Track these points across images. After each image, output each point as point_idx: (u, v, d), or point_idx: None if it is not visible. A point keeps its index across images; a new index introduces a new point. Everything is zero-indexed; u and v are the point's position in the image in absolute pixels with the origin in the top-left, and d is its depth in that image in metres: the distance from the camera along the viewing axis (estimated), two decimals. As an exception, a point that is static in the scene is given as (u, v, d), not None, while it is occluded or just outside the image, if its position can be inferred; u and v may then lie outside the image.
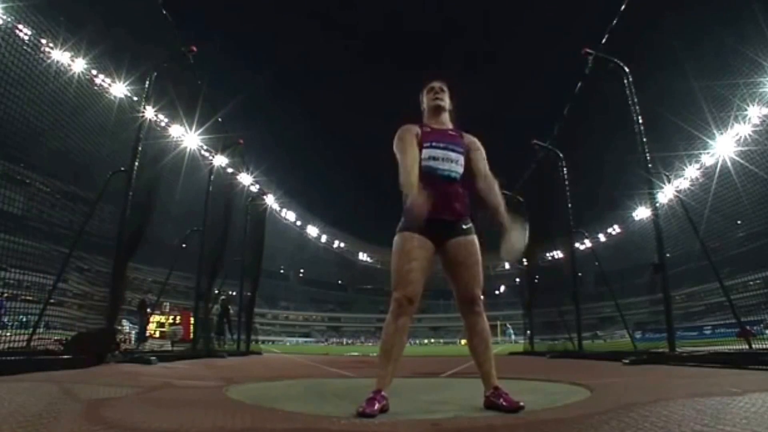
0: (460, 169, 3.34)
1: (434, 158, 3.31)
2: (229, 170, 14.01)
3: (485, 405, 3.01)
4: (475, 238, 3.25)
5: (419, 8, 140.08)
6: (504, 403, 2.84)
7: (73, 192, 7.41)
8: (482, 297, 3.18)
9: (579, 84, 9.79)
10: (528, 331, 15.66)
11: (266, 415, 2.70)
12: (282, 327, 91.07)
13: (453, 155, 3.35)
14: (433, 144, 3.35)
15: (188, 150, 12.03)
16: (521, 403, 2.79)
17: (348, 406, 2.98)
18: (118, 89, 8.05)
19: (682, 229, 8.02)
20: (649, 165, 7.61)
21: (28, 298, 6.37)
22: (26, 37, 5.94)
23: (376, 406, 2.74)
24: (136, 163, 7.51)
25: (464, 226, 3.24)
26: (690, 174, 10.45)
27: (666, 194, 8.31)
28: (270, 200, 19.00)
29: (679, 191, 8.22)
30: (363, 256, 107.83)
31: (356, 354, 19.95)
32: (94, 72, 7.58)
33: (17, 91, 5.44)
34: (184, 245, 11.51)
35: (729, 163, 8.33)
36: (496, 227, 3.23)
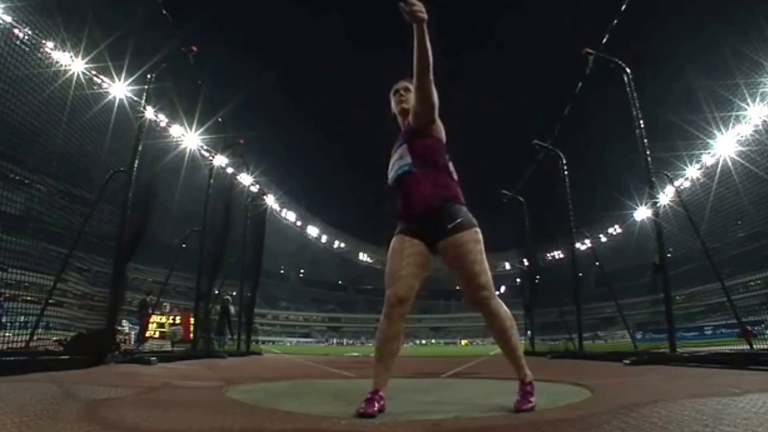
0: (409, 159, 3.21)
1: (391, 167, 3.35)
2: (229, 170, 14.00)
3: None
4: (464, 234, 3.02)
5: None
6: (516, 399, 2.89)
7: (71, 192, 7.40)
8: (488, 289, 3.02)
9: (579, 84, 9.78)
10: (528, 332, 15.63)
11: (266, 416, 2.69)
12: (282, 327, 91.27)
13: (397, 154, 3.31)
14: (394, 147, 3.41)
15: (188, 150, 12.02)
16: (524, 407, 2.81)
17: (348, 407, 2.98)
18: (118, 89, 8.05)
19: (682, 229, 8.01)
20: (650, 165, 7.61)
21: (27, 298, 6.36)
22: (25, 37, 5.94)
23: (376, 406, 2.74)
24: (136, 163, 7.51)
25: (449, 226, 3.02)
26: (691, 174, 10.45)
27: (667, 194, 8.30)
28: (270, 200, 18.99)
29: (679, 191, 8.19)
30: (363, 257, 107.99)
31: (356, 354, 19.93)
32: (93, 72, 7.58)
33: (16, 91, 5.44)
34: (184, 245, 11.49)
35: (730, 163, 8.34)
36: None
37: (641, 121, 7.68)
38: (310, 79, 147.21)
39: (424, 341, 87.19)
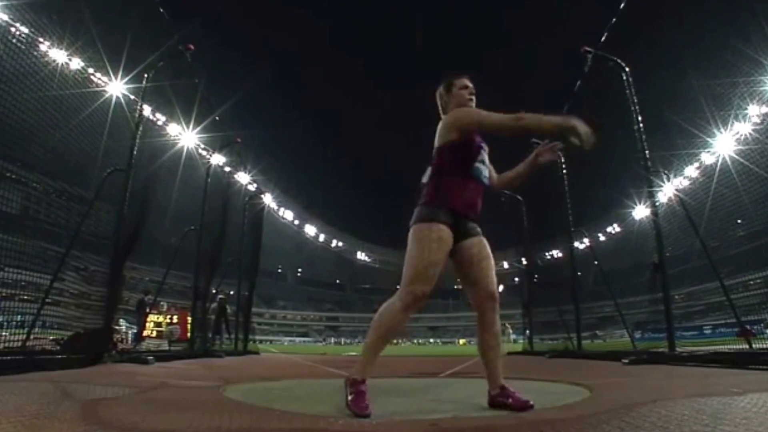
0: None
1: (483, 162, 3.27)
2: (227, 169, 13.98)
3: (490, 404, 2.99)
4: (484, 238, 3.22)
5: (419, 6, 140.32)
6: (512, 402, 2.85)
7: (67, 190, 7.38)
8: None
9: (578, 82, 9.77)
10: (527, 331, 15.63)
11: (263, 415, 2.68)
12: (280, 327, 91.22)
13: (486, 157, 3.34)
14: (482, 147, 3.32)
15: (185, 148, 11.99)
16: (530, 402, 2.80)
17: (345, 406, 2.97)
18: (115, 87, 8.02)
19: (681, 228, 8.01)
20: (649, 164, 7.60)
21: (24, 297, 6.33)
22: (22, 35, 5.92)
23: (366, 400, 2.77)
24: (133, 163, 7.49)
25: (478, 228, 3.21)
26: (690, 173, 10.45)
27: (666, 193, 8.29)
28: (268, 199, 18.96)
29: (679, 190, 8.19)
30: (361, 256, 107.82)
31: (354, 354, 19.90)
32: (90, 70, 7.55)
33: (10, 89, 5.42)
34: (181, 244, 11.47)
35: (729, 162, 8.33)
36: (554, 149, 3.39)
37: (640, 119, 7.67)
38: (308, 78, 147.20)
39: (422, 340, 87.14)
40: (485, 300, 3.06)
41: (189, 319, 13.54)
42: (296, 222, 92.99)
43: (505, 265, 71.90)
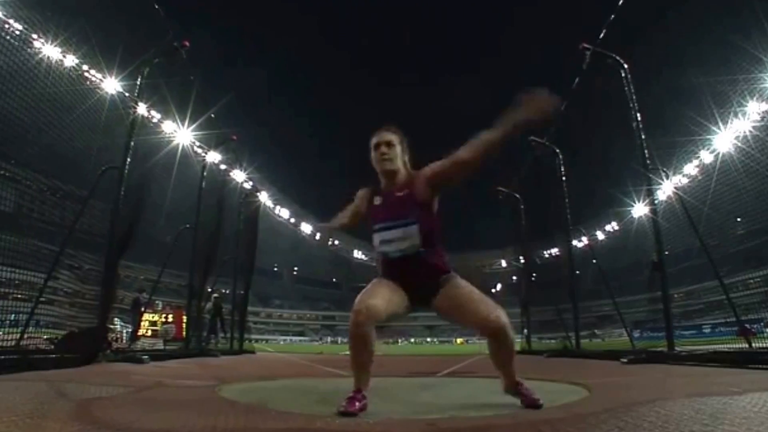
0: (417, 240, 3.03)
1: (385, 241, 3.11)
2: (222, 167, 13.95)
3: (505, 390, 3.07)
4: (454, 281, 3.07)
5: (416, 4, 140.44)
6: (523, 398, 2.91)
7: (61, 188, 7.35)
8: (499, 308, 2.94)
9: (577, 80, 9.76)
10: (525, 330, 15.63)
11: (259, 415, 2.66)
12: (276, 326, 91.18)
13: (400, 232, 3.06)
14: (380, 226, 3.14)
15: (180, 146, 11.94)
16: (540, 401, 2.83)
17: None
18: (110, 85, 7.98)
19: (680, 227, 7.99)
20: (648, 161, 7.59)
21: (17, 296, 6.29)
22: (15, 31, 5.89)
23: (357, 405, 2.71)
24: (128, 160, 7.45)
25: (439, 281, 3.07)
26: (689, 171, 10.45)
27: (665, 191, 8.29)
28: (264, 197, 18.93)
29: (678, 188, 8.19)
30: (358, 254, 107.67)
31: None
32: (85, 67, 7.52)
33: (5, 87, 5.39)
34: (176, 243, 11.44)
35: (729, 160, 8.32)
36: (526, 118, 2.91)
37: (639, 116, 7.66)
38: (305, 75, 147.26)
39: (419, 339, 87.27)
40: (491, 336, 2.92)
41: (184, 318, 13.52)
42: (292, 220, 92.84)
43: (503, 263, 72.13)
